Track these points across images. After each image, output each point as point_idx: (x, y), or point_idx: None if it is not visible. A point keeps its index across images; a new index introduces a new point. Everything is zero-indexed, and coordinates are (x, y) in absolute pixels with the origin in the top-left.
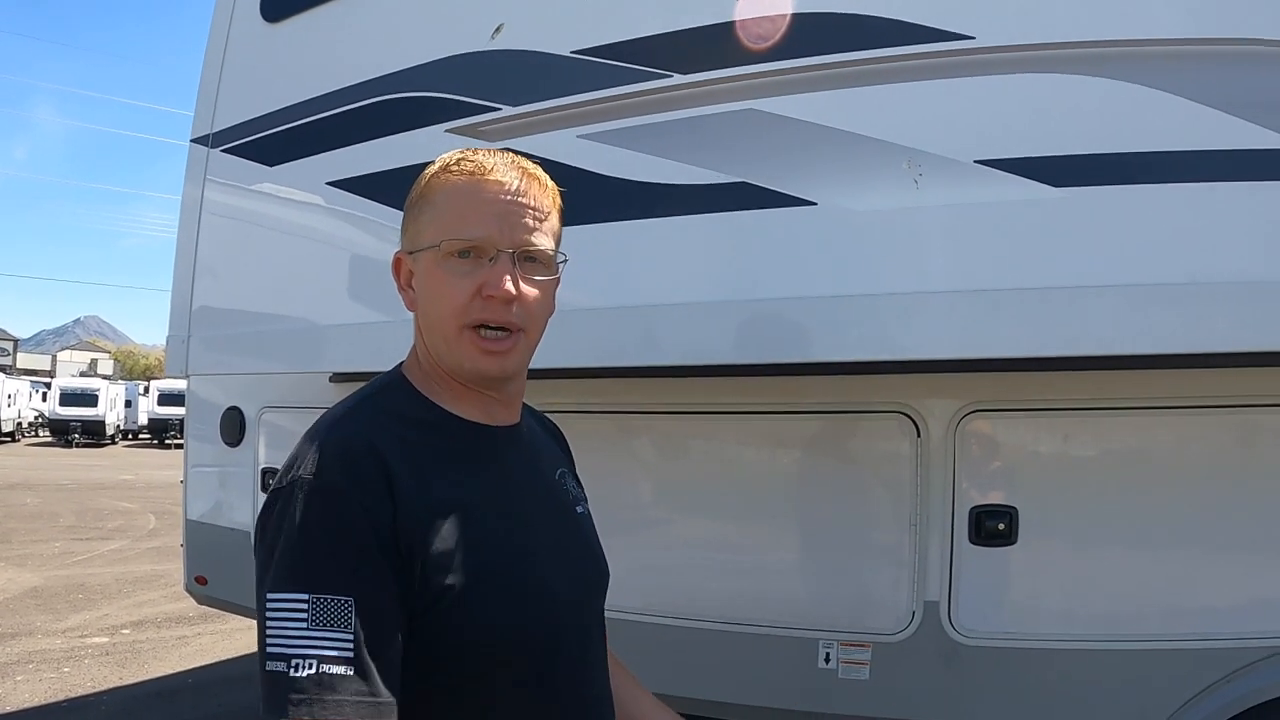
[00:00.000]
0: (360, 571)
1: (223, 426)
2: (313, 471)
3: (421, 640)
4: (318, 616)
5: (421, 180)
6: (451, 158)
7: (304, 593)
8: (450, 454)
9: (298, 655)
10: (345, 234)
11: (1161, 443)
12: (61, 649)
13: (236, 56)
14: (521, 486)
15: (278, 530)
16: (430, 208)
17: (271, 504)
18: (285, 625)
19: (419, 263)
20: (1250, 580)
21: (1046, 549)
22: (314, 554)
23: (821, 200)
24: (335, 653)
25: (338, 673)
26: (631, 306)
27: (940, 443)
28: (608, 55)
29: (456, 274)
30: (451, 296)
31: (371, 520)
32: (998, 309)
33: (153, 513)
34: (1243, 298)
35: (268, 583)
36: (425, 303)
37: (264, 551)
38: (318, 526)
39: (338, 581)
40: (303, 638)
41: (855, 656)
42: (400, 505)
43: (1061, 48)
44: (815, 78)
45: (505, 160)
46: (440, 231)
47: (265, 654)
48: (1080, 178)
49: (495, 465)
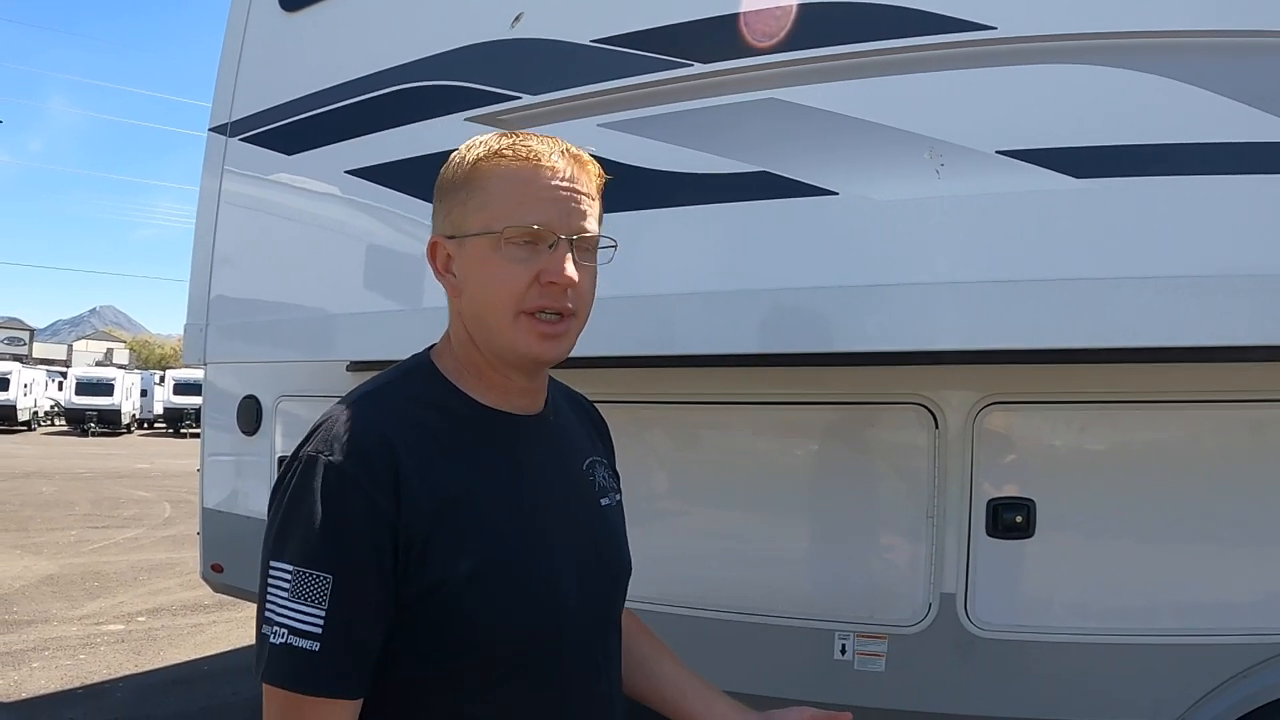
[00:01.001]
0: (347, 553)
1: (240, 415)
2: (321, 449)
3: (421, 630)
4: (298, 589)
5: (462, 163)
6: (498, 142)
7: (289, 564)
8: (466, 442)
9: (278, 623)
10: (363, 223)
11: (1180, 436)
12: (77, 636)
13: (255, 46)
14: (539, 477)
15: (281, 500)
16: (480, 192)
17: (282, 475)
18: (276, 593)
19: (466, 248)
20: (1268, 575)
21: (1064, 542)
22: (305, 529)
23: (843, 190)
24: (305, 626)
25: (302, 646)
26: (650, 296)
27: (958, 434)
28: (628, 44)
29: (515, 260)
30: (510, 282)
31: (370, 506)
32: (1018, 300)
33: (168, 501)
34: (1265, 290)
35: (268, 549)
36: (476, 288)
37: (270, 519)
38: (315, 503)
39: (322, 559)
40: (284, 607)
41: (871, 648)
42: (404, 494)
43: (1083, 39)
44: (836, 67)
45: (556, 145)
46: (495, 217)
47: (262, 616)
48: (1102, 169)
49: (512, 455)
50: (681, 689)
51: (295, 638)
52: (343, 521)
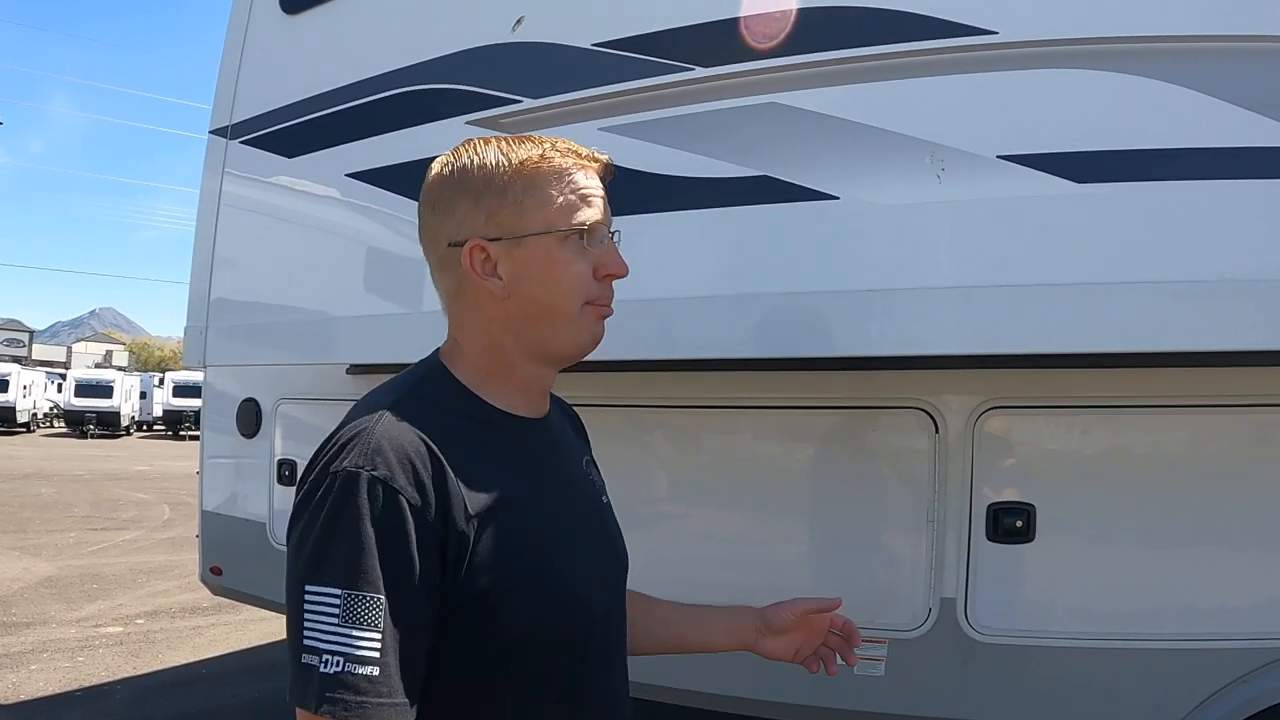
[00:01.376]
0: (396, 571)
1: (239, 418)
2: (361, 464)
3: (461, 638)
4: (349, 614)
5: (508, 165)
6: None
7: (338, 588)
8: (495, 449)
9: (328, 651)
10: (364, 226)
11: (1181, 441)
12: (76, 638)
13: (255, 48)
14: (559, 480)
15: (315, 519)
16: (537, 191)
17: (313, 492)
18: (319, 619)
19: (523, 248)
20: (1269, 579)
21: (1064, 547)
22: (352, 549)
23: (844, 194)
24: (363, 652)
25: (362, 673)
26: (651, 299)
27: (958, 439)
28: (629, 48)
29: (579, 255)
30: (580, 276)
31: (419, 520)
32: (1019, 305)
33: (167, 503)
34: (1268, 295)
35: (304, 571)
36: (537, 287)
37: (300, 539)
38: (359, 523)
39: (373, 580)
40: (334, 633)
41: (871, 653)
42: (450, 505)
43: (1086, 43)
44: (837, 71)
45: (581, 146)
46: (561, 214)
47: (300, 645)
48: (1104, 174)
49: (536, 459)
50: (679, 630)
51: (353, 664)
52: (393, 539)
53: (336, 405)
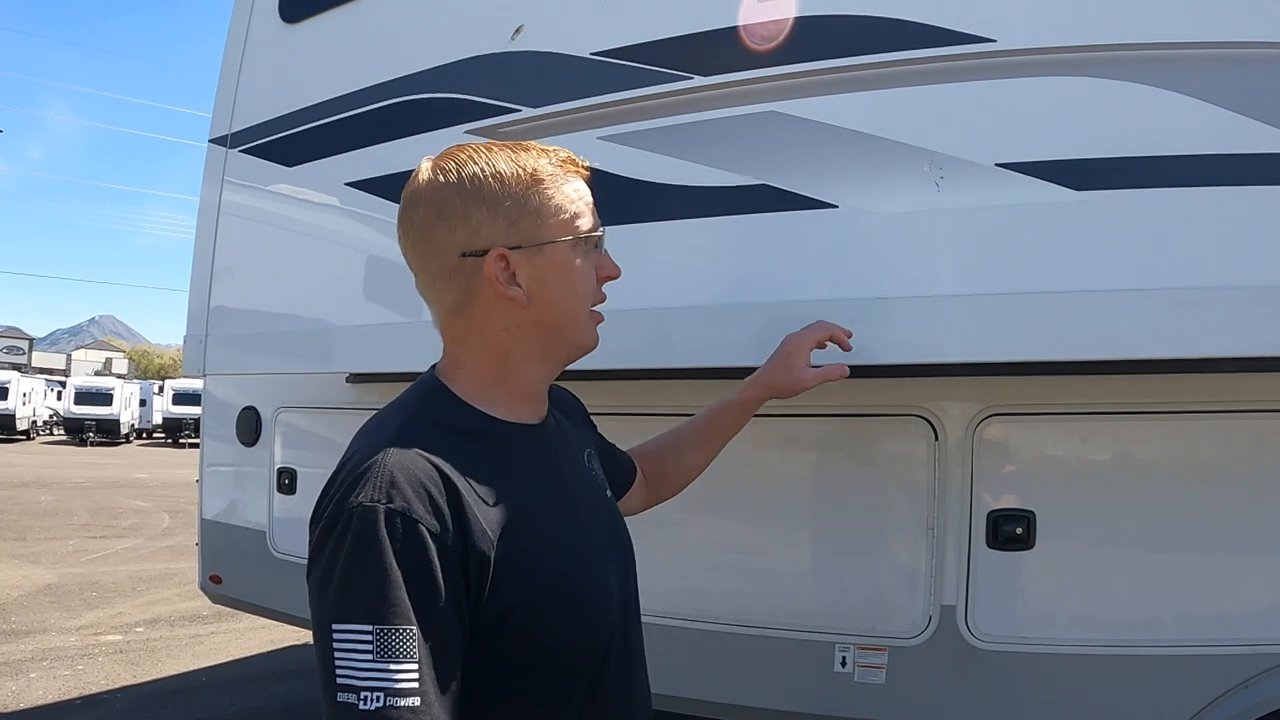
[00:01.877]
0: (425, 600)
1: (239, 426)
2: (377, 498)
3: (489, 655)
4: (384, 648)
5: (522, 174)
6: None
7: (369, 624)
8: (505, 464)
9: (366, 688)
10: (363, 235)
11: (1181, 447)
12: (75, 646)
13: (255, 57)
14: (564, 482)
15: (336, 557)
16: (549, 200)
17: (330, 528)
18: (352, 656)
19: (543, 255)
20: (1268, 586)
21: (1064, 554)
22: (379, 584)
23: (842, 203)
24: (402, 685)
25: (405, 705)
26: (651, 308)
27: (958, 446)
28: (628, 57)
29: (588, 262)
30: (589, 282)
31: (441, 548)
32: (1018, 312)
33: (167, 511)
34: (1266, 301)
35: (330, 611)
36: (557, 293)
37: (323, 578)
38: (382, 554)
39: (403, 612)
40: (370, 669)
41: (871, 660)
42: (468, 529)
43: (1083, 51)
44: (835, 80)
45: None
46: (574, 222)
47: (335, 684)
48: (1102, 181)
49: (543, 466)
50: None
51: (394, 698)
52: (418, 569)
53: (336, 414)
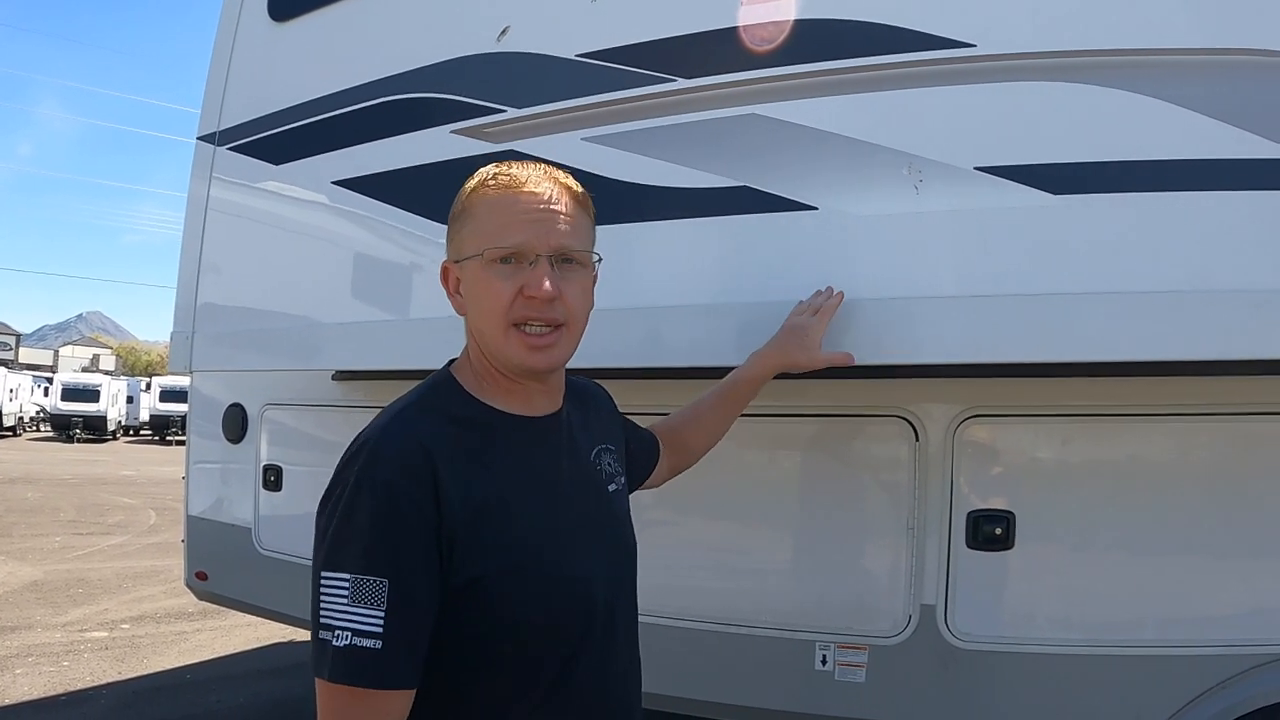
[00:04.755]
0: (399, 558)
1: (225, 423)
2: (366, 467)
3: (463, 620)
4: (357, 594)
5: (462, 194)
6: (488, 172)
7: (347, 573)
8: (492, 451)
9: (340, 627)
10: (350, 233)
11: (1159, 450)
12: (61, 643)
13: (243, 55)
14: (557, 473)
15: (332, 515)
16: (471, 219)
17: (331, 491)
18: (333, 600)
19: (465, 270)
20: (1245, 587)
21: (1043, 554)
22: (360, 540)
23: (822, 205)
24: (367, 628)
25: (367, 645)
26: (634, 308)
27: (938, 447)
28: (612, 59)
29: (500, 278)
30: (496, 298)
31: (417, 513)
32: (997, 315)
33: (153, 508)
34: (1241, 305)
35: (322, 561)
36: (474, 306)
37: (320, 532)
38: (367, 516)
39: (377, 565)
40: (344, 612)
41: (852, 659)
42: (444, 501)
43: (1062, 56)
44: (817, 83)
45: (538, 172)
46: (482, 241)
47: (318, 622)
48: (1080, 185)
49: (533, 458)
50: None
51: (359, 638)
52: (394, 531)
53: (322, 411)
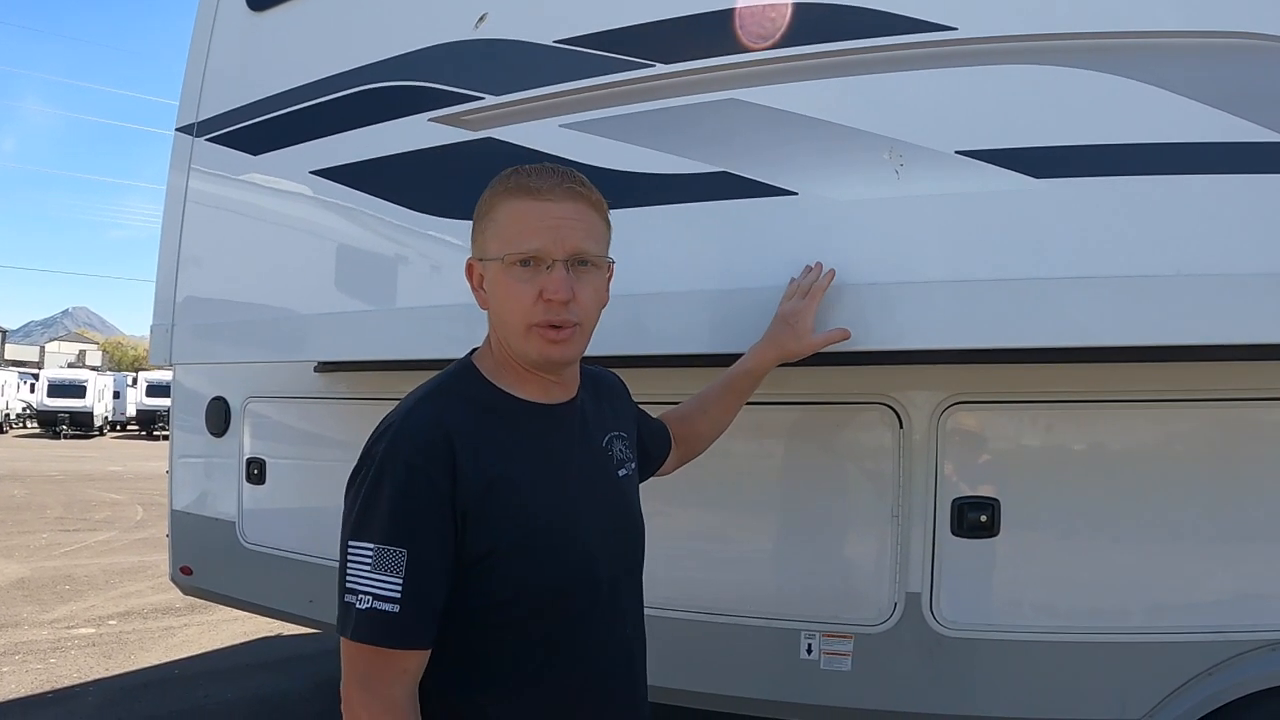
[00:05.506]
0: (417, 530)
1: (208, 417)
2: (390, 447)
3: (476, 589)
4: (379, 562)
5: (485, 197)
6: (510, 178)
7: (371, 543)
8: (507, 434)
9: (363, 591)
10: (329, 223)
11: (1144, 436)
12: (48, 640)
13: (222, 45)
14: (569, 458)
15: (359, 491)
16: (493, 223)
17: (359, 469)
18: (358, 566)
19: (488, 269)
20: (1232, 574)
21: (1028, 541)
22: (382, 513)
23: (802, 190)
24: (387, 592)
25: (385, 609)
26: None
27: (923, 434)
28: (590, 45)
29: (520, 281)
30: (519, 300)
31: (434, 492)
32: (979, 299)
33: (140, 504)
34: (1225, 290)
35: (349, 531)
36: (497, 304)
37: (347, 506)
38: (389, 492)
39: (398, 536)
40: (366, 578)
41: (837, 648)
42: (460, 479)
43: (1044, 40)
44: (797, 68)
45: (555, 177)
46: (503, 245)
47: (345, 587)
48: (1062, 169)
49: (547, 441)
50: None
51: (379, 603)
52: (414, 506)
53: (305, 403)
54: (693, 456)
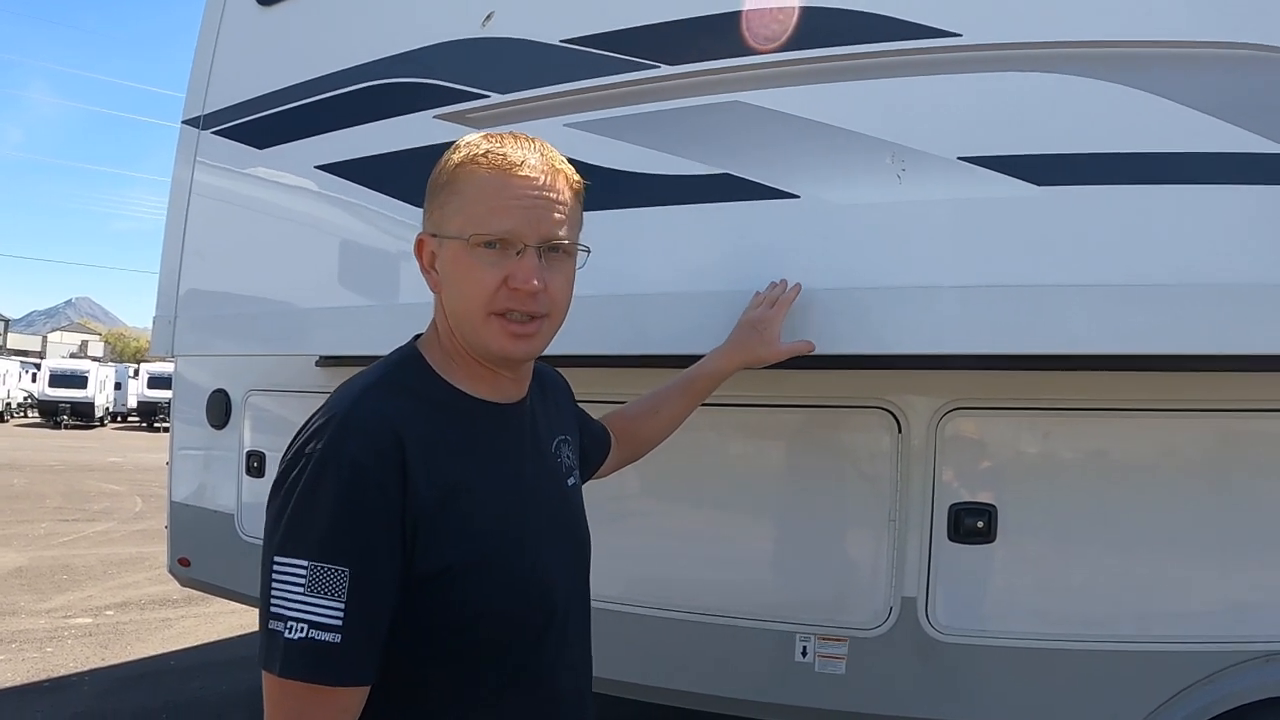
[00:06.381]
0: (360, 544)
1: (209, 409)
2: (330, 445)
3: (423, 612)
4: (314, 583)
5: (448, 165)
6: (479, 146)
7: (304, 559)
8: (459, 435)
9: (293, 618)
10: (333, 218)
11: (1141, 445)
12: (45, 629)
13: (229, 39)
14: (522, 464)
15: (289, 496)
16: (457, 196)
17: (287, 470)
18: (287, 588)
19: (444, 248)
20: (1227, 584)
21: (1025, 548)
22: (319, 524)
23: (804, 193)
24: (326, 620)
25: (323, 639)
26: (614, 295)
27: (921, 439)
28: (596, 45)
29: (484, 264)
30: (480, 285)
31: (383, 499)
32: (979, 305)
33: (139, 495)
34: (1223, 300)
35: (274, 545)
36: (452, 288)
37: (274, 514)
38: (327, 498)
39: (337, 552)
40: (299, 602)
41: (832, 651)
42: (411, 486)
43: (1048, 47)
44: (801, 71)
45: (533, 153)
46: (468, 222)
47: (269, 612)
48: (1064, 176)
49: (499, 445)
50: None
51: (316, 631)
52: (358, 515)
53: (306, 397)
54: (635, 458)
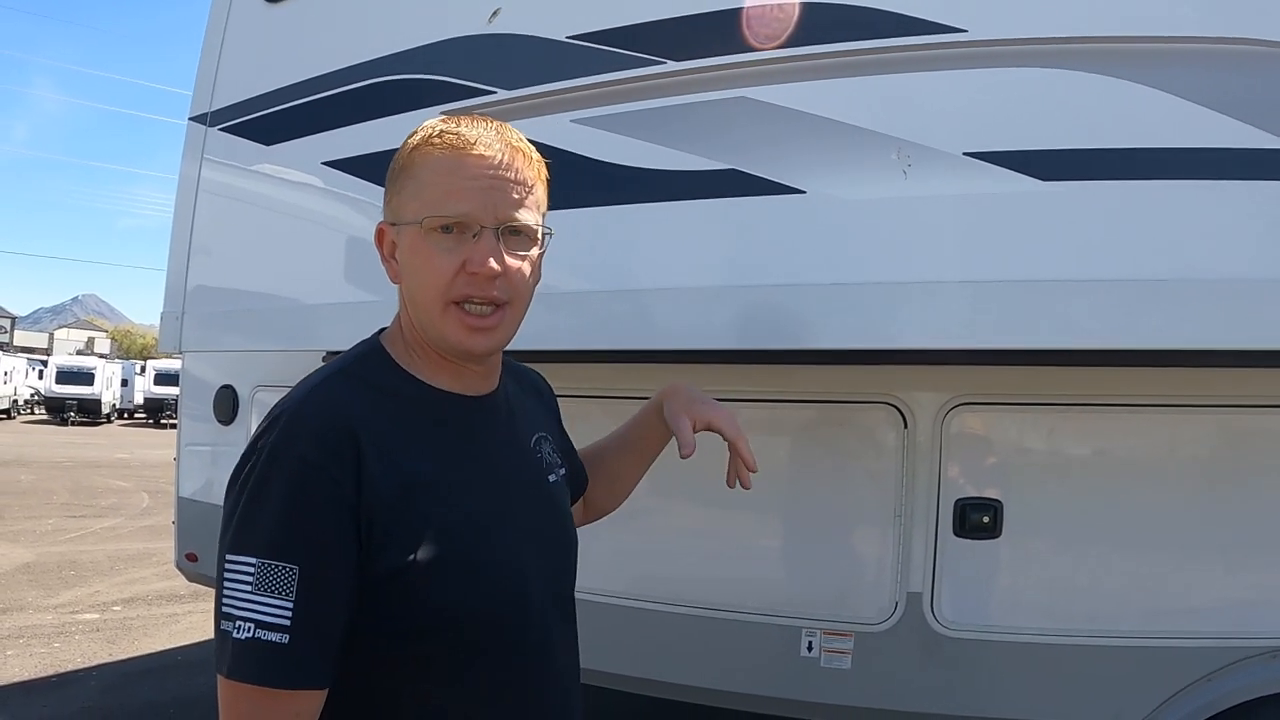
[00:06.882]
0: (312, 542)
1: (216, 405)
2: (283, 439)
3: (385, 613)
4: (262, 582)
5: (403, 151)
6: (434, 128)
7: (252, 557)
8: (422, 428)
9: (241, 618)
10: (340, 214)
11: (1147, 440)
12: (52, 624)
13: (236, 36)
14: (493, 460)
15: (240, 493)
16: (412, 181)
17: (241, 466)
18: (236, 586)
19: (402, 236)
20: (1232, 580)
21: (1030, 543)
22: (268, 520)
23: (810, 189)
24: (272, 619)
25: (271, 639)
26: (621, 290)
27: (927, 434)
28: (603, 41)
29: (440, 249)
30: (435, 272)
31: (335, 494)
32: (984, 300)
33: (146, 491)
34: (1228, 295)
35: (226, 543)
36: (409, 277)
37: (227, 511)
38: (278, 494)
39: (287, 549)
40: (247, 600)
41: (837, 645)
42: (366, 481)
43: (1054, 43)
44: (807, 67)
45: (489, 132)
46: (423, 207)
47: (220, 611)
48: (1069, 172)
49: (468, 439)
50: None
51: (263, 631)
52: (308, 511)
53: None
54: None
